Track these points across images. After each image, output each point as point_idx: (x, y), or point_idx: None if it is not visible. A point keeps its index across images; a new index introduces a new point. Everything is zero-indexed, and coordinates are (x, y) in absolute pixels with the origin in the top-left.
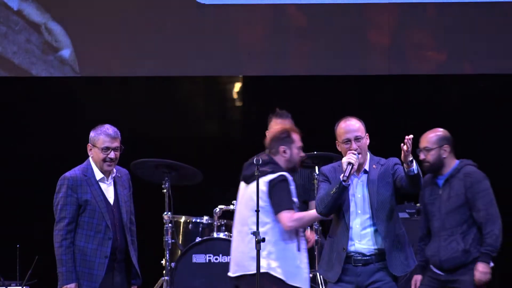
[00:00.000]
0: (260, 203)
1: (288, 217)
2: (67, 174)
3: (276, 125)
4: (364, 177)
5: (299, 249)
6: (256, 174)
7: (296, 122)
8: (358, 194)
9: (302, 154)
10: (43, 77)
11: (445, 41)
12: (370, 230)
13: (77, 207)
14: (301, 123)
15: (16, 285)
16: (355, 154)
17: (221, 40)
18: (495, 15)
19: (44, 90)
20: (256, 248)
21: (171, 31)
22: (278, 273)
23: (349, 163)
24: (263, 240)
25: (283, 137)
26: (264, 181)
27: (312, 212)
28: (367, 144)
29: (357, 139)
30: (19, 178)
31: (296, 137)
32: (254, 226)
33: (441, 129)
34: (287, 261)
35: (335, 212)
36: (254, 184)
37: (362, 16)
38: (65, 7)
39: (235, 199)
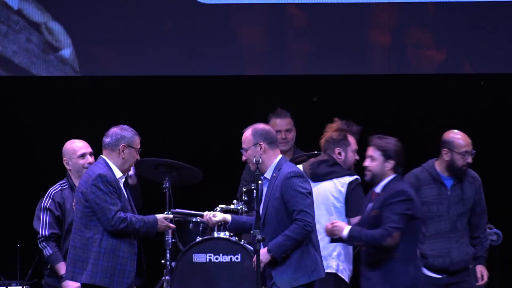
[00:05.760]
0: (336, 203)
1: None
2: (101, 171)
3: (275, 125)
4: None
5: None
6: (256, 173)
7: (296, 122)
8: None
9: (357, 157)
10: (43, 77)
11: (446, 41)
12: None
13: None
14: (301, 123)
15: (17, 285)
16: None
17: (221, 40)
18: (495, 14)
19: (44, 90)
20: (255, 248)
21: (171, 31)
22: (344, 276)
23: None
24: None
25: (339, 140)
26: (342, 182)
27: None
28: (258, 153)
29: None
30: (20, 178)
31: (352, 140)
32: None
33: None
34: (351, 265)
35: None
36: (327, 183)
37: (363, 15)
38: (65, 6)
39: (235, 198)
